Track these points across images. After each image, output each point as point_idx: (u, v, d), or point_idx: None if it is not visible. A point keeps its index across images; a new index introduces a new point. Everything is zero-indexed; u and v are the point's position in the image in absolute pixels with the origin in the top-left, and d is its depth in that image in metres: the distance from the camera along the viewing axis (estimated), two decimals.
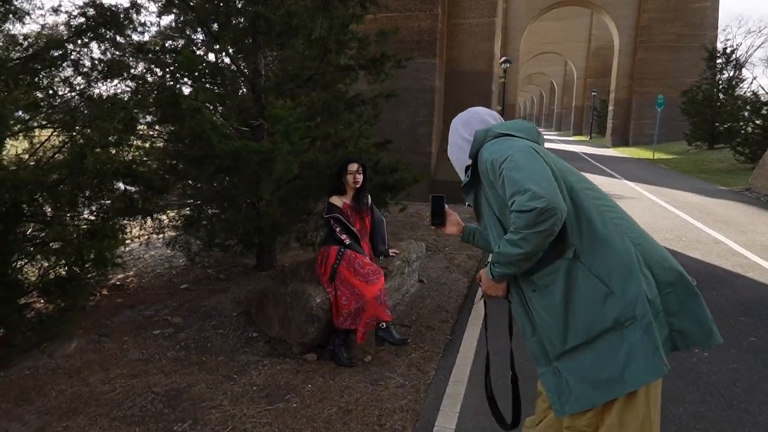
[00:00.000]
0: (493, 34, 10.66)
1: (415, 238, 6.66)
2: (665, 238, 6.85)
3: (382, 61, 4.17)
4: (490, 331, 2.21)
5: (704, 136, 21.00)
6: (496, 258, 1.59)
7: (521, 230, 1.45)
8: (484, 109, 1.84)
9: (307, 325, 3.33)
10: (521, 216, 1.43)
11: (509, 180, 1.47)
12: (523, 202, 1.41)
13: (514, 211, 1.45)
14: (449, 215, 2.07)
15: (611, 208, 1.58)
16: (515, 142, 1.57)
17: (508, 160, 1.50)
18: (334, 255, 3.42)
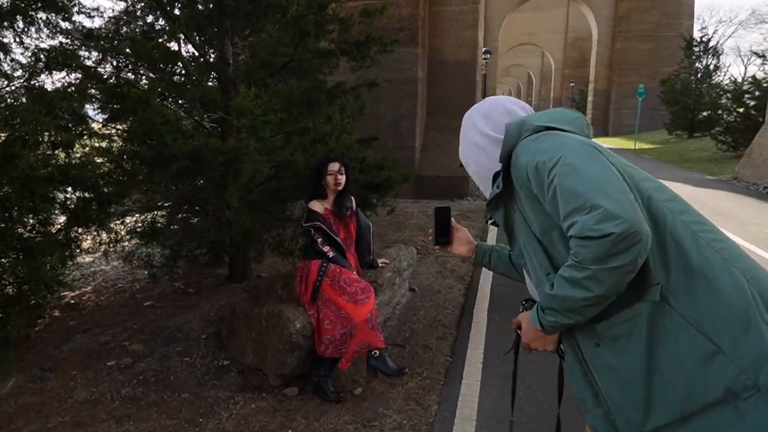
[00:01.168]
0: (476, 22, 10.23)
1: (403, 240, 6.19)
2: None
3: (367, 44, 3.66)
4: (492, 351, 1.79)
5: (684, 125, 21.00)
6: (547, 302, 1.15)
7: (589, 265, 1.03)
8: (507, 97, 1.41)
9: (285, 355, 2.84)
10: (589, 245, 1.02)
11: (565, 192, 1.07)
12: (591, 225, 1.01)
13: (577, 237, 1.04)
14: (456, 231, 1.65)
15: (704, 226, 1.13)
16: (564, 139, 1.16)
17: (560, 163, 1.10)
18: (315, 271, 2.93)
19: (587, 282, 1.04)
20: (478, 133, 1.37)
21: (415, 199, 8.95)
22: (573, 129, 1.23)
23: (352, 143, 3.64)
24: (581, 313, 1.10)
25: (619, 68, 26.85)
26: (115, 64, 4.39)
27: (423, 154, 9.87)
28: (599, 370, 1.16)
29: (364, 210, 4.05)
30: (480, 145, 1.37)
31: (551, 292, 1.13)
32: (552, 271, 1.19)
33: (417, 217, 7.67)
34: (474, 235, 6.56)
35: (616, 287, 1.04)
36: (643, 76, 25.43)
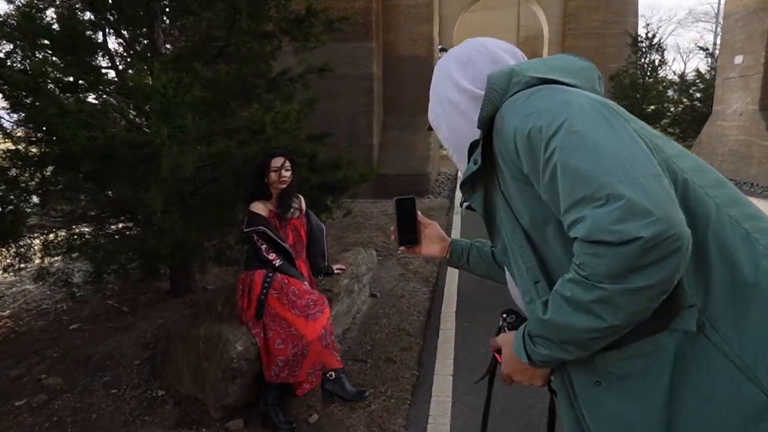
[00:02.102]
0: (431, 17, 10.00)
1: (362, 242, 5.84)
2: None
3: (309, 19, 3.25)
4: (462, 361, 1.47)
5: None
6: (538, 329, 0.83)
7: (601, 283, 0.71)
8: (493, 39, 1.07)
9: (226, 383, 2.43)
10: (603, 253, 0.69)
11: (570, 173, 0.74)
12: (608, 224, 0.68)
13: (585, 241, 0.71)
14: (425, 227, 1.27)
15: (763, 223, 0.81)
16: (570, 95, 0.82)
17: (563, 130, 0.76)
18: (259, 282, 2.53)
19: (597, 307, 0.72)
20: (452, 85, 1.03)
21: (374, 199, 8.61)
22: (580, 83, 0.90)
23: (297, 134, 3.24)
24: (586, 347, 0.78)
25: None
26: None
27: (381, 152, 9.55)
28: (596, 419, 0.84)
29: (318, 212, 3.67)
30: (454, 102, 1.02)
31: (545, 317, 0.79)
32: (542, 278, 0.88)
33: (377, 218, 7.33)
34: None
35: (640, 315, 0.72)
36: None
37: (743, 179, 9.40)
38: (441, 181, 10.70)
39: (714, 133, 10.89)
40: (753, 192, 8.61)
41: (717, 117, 10.87)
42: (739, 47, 9.88)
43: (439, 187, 10.00)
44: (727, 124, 10.32)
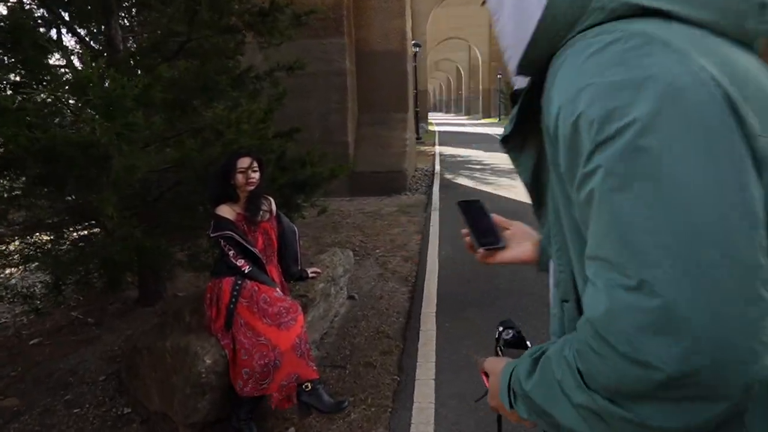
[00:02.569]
0: (403, 11, 9.88)
1: (339, 242, 5.71)
2: None
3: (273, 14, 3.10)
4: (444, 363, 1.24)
5: None
6: (520, 391, 0.64)
7: (596, 392, 0.52)
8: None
9: (195, 398, 2.29)
10: (608, 358, 0.49)
11: (607, 216, 0.50)
12: (625, 325, 0.47)
13: (589, 321, 0.51)
14: (507, 227, 0.99)
15: None
16: (672, 67, 0.49)
17: (624, 140, 0.48)
18: (228, 291, 2.39)
19: (586, 414, 0.53)
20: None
21: (351, 197, 8.48)
22: (714, 17, 0.55)
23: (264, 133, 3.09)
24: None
25: None
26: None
27: (357, 149, 9.41)
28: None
29: (289, 212, 3.53)
30: (518, 5, 0.65)
31: (526, 388, 0.62)
32: (572, 299, 0.67)
33: (354, 216, 7.20)
34: (413, 231, 6.19)
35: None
36: None
37: None
38: (418, 177, 10.62)
39: None
40: None
41: None
42: None
43: (417, 183, 9.92)
44: None
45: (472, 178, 10.40)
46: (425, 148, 17.43)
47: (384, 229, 6.35)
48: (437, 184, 9.61)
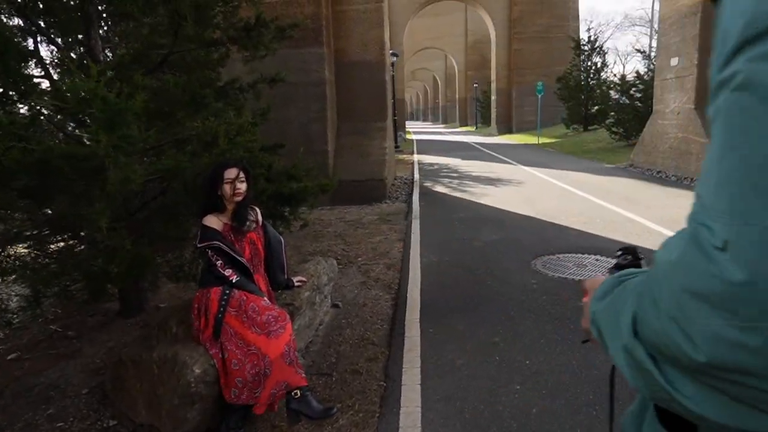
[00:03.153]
0: (381, 21, 10.00)
1: (321, 251, 5.74)
2: (580, 221, 6.59)
3: (258, 28, 3.15)
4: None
5: (579, 119, 22.39)
6: (597, 307, 0.59)
7: (643, 346, 0.47)
8: None
9: (184, 409, 2.30)
10: (658, 313, 0.44)
11: (728, 135, 0.39)
12: (683, 288, 0.41)
13: (658, 266, 0.46)
14: None
15: None
16: None
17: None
18: (216, 300, 2.41)
19: (628, 360, 0.49)
20: None
21: (331, 206, 8.50)
22: None
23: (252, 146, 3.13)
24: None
25: (518, 68, 28.11)
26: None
27: (337, 158, 9.46)
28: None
29: (275, 224, 3.56)
30: None
31: (599, 304, 0.58)
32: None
33: (335, 225, 7.23)
34: (395, 239, 6.25)
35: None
36: (539, 75, 26.76)
37: (684, 174, 9.86)
38: (398, 185, 10.71)
39: (655, 132, 11.39)
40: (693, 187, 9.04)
41: (657, 116, 11.38)
42: (674, 49, 10.39)
43: (396, 191, 10.00)
44: (666, 123, 10.82)
45: (450, 186, 10.54)
46: (404, 156, 17.57)
47: (365, 238, 6.40)
48: (417, 193, 9.71)
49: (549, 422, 2.45)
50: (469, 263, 5.08)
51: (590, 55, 23.56)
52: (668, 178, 10.16)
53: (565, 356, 3.08)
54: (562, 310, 3.79)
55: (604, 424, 2.40)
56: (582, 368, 2.93)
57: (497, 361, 3.07)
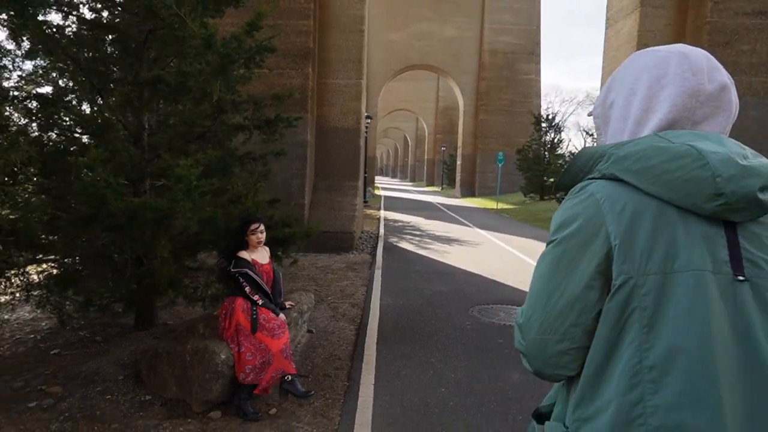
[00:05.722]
0: (360, 95, 11.52)
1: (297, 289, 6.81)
2: (516, 280, 7.89)
3: (276, 122, 4.43)
4: (381, 374, 1.68)
5: (536, 189, 24.40)
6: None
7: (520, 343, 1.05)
8: (695, 54, 0.92)
9: (211, 383, 3.34)
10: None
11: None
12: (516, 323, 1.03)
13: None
14: None
15: None
16: (577, 221, 0.90)
17: (547, 245, 0.96)
18: (239, 310, 3.49)
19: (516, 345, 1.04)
20: (620, 87, 0.98)
21: (305, 253, 9.60)
22: (669, 195, 0.82)
23: (263, 202, 4.31)
24: None
25: (483, 136, 30.31)
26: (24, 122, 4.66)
27: (312, 210, 10.65)
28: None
29: None
30: (599, 114, 1.05)
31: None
32: None
33: (308, 269, 8.33)
34: (359, 284, 7.39)
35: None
36: (502, 144, 29.02)
37: None
38: (364, 238, 11.92)
39: None
40: None
41: None
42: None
43: (363, 244, 11.20)
44: None
45: (412, 242, 11.81)
46: (371, 211, 18.88)
47: (334, 281, 7.53)
48: (381, 247, 10.92)
49: (461, 411, 3.58)
50: (419, 307, 6.25)
51: (548, 131, 25.91)
52: None
53: (480, 373, 4.24)
54: (486, 343, 4.98)
55: (500, 414, 3.56)
56: (491, 380, 4.09)
57: (431, 373, 4.21)
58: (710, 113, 0.91)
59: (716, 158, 0.81)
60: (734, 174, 0.80)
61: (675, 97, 0.90)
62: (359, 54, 11.44)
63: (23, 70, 5.43)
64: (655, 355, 0.79)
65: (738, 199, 0.79)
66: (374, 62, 30.81)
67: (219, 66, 3.89)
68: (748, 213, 0.81)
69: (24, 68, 6.21)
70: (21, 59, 5.25)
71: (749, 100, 10.43)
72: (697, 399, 0.76)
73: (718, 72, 0.92)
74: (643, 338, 0.80)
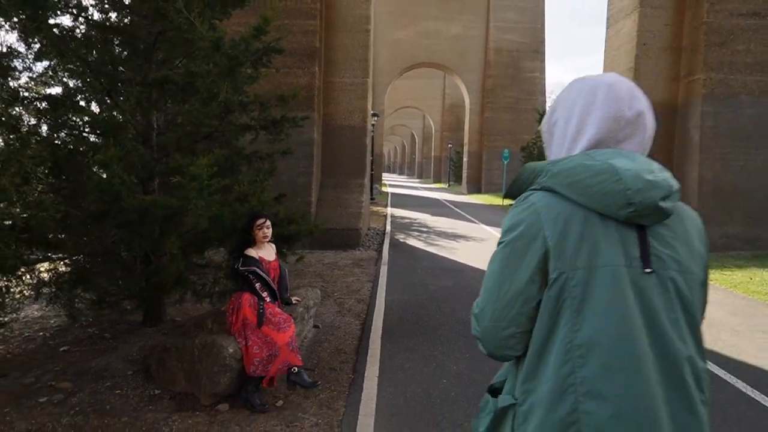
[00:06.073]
0: (366, 93, 11.58)
1: (304, 286, 6.89)
2: None
3: (282, 122, 4.51)
4: (385, 367, 1.72)
5: None
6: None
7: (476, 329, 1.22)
8: (620, 85, 1.10)
9: (219, 376, 3.42)
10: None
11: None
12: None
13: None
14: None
15: None
16: (522, 226, 1.07)
17: (499, 243, 1.13)
18: (246, 305, 3.56)
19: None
20: (563, 109, 1.14)
21: (311, 250, 9.69)
22: (589, 203, 1.00)
23: (269, 200, 4.38)
24: None
25: (489, 133, 30.29)
26: (33, 122, 4.76)
27: (319, 208, 10.73)
28: None
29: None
30: (553, 119, 1.18)
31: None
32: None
33: (315, 266, 8.41)
34: (365, 280, 7.46)
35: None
36: (508, 141, 28.99)
37: None
38: (370, 235, 11.99)
39: None
40: None
41: None
42: None
43: (369, 240, 11.27)
44: None
45: (418, 239, 11.87)
46: (378, 208, 18.95)
47: (341, 278, 7.60)
48: (387, 243, 10.99)
49: (461, 401, 3.64)
50: (423, 302, 6.31)
51: None
52: None
53: (481, 365, 4.29)
54: None
55: None
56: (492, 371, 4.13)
57: (434, 365, 4.27)
58: (630, 134, 1.09)
59: (628, 174, 0.98)
60: (641, 187, 0.98)
61: (600, 120, 1.08)
62: (365, 53, 11.50)
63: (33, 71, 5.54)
64: (582, 335, 0.97)
65: (644, 207, 0.98)
66: (381, 60, 30.85)
67: (227, 68, 3.97)
68: (653, 218, 1.00)
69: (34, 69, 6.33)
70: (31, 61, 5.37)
71: (745, 99, 10.43)
72: (617, 370, 0.94)
73: (637, 100, 1.09)
74: (573, 321, 0.98)
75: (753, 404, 3.69)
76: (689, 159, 10.75)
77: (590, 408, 0.94)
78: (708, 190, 10.46)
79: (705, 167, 10.44)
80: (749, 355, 4.66)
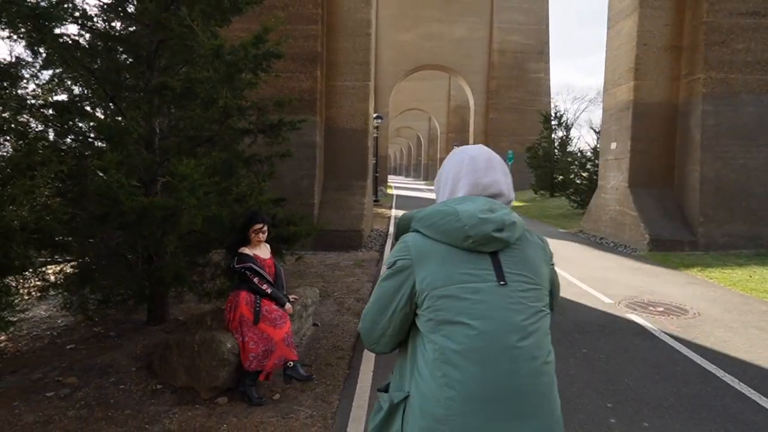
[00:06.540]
0: (367, 96, 11.72)
1: (305, 286, 7.03)
2: None
3: (279, 126, 4.65)
4: (379, 363, 2.15)
5: (545, 186, 24.40)
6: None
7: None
8: (479, 157, 1.46)
9: (218, 370, 3.55)
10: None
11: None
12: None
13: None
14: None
15: None
16: (398, 260, 1.36)
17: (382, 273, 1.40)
18: (243, 303, 3.70)
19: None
20: (449, 168, 1.47)
21: (314, 251, 9.83)
22: (444, 239, 1.31)
23: (266, 201, 4.52)
24: None
25: (494, 135, 30.35)
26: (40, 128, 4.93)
27: (321, 210, 10.87)
28: None
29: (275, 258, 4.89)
30: (443, 172, 1.53)
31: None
32: None
33: (317, 267, 8.55)
34: (366, 280, 7.58)
35: None
36: (513, 142, 29.05)
37: (619, 242, 11.48)
38: (373, 236, 12.11)
39: (599, 203, 13.12)
40: (625, 252, 10.64)
41: (600, 190, 13.15)
42: (613, 136, 12.28)
43: (372, 242, 11.39)
44: (607, 197, 12.57)
45: None
46: (382, 210, 19.07)
47: (341, 278, 7.73)
48: (390, 244, 11.10)
49: None
50: None
51: (556, 128, 25.88)
52: (608, 243, 11.77)
53: None
54: None
55: None
56: None
57: None
58: (487, 188, 1.42)
59: (466, 214, 1.29)
60: (475, 223, 1.27)
61: (465, 186, 1.42)
62: (366, 56, 11.64)
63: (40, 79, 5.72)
64: (450, 339, 1.23)
65: (480, 238, 1.27)
66: (385, 62, 31.02)
67: (226, 74, 4.11)
68: (492, 245, 1.29)
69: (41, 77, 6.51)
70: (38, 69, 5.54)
71: (745, 97, 10.47)
72: (479, 359, 1.20)
73: (492, 170, 1.43)
74: (439, 330, 1.25)
75: (740, 397, 3.77)
76: (691, 158, 10.79)
77: (456, 376, 1.21)
78: (710, 188, 10.49)
79: (706, 166, 10.48)
80: (740, 351, 4.73)
